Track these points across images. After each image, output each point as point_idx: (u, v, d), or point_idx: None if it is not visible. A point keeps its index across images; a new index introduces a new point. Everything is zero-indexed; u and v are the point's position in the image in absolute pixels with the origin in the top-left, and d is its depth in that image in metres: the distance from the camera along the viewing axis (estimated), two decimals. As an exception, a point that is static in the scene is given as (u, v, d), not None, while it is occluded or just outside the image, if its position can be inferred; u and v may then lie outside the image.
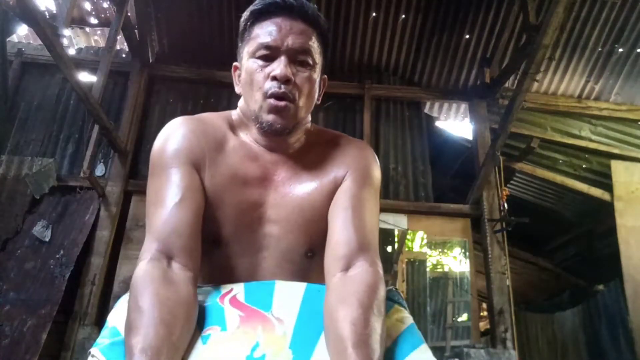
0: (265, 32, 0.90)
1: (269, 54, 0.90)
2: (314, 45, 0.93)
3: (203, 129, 0.94)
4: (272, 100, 0.89)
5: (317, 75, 0.95)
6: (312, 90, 0.94)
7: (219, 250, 0.93)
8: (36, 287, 4.07)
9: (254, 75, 0.92)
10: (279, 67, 0.89)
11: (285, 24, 0.90)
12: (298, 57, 0.91)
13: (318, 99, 1.01)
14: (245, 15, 0.95)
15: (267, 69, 0.90)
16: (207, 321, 0.76)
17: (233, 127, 0.99)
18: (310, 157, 0.98)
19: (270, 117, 0.90)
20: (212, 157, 0.92)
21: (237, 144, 0.96)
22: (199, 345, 0.72)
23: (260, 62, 0.91)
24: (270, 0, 0.91)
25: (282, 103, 0.89)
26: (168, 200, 0.85)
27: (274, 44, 0.89)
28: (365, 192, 0.94)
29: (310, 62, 0.92)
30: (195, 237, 0.85)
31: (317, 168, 0.97)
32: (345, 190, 0.93)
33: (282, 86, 0.89)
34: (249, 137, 0.98)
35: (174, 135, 0.93)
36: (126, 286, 0.77)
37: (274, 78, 0.89)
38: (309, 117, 1.02)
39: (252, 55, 0.92)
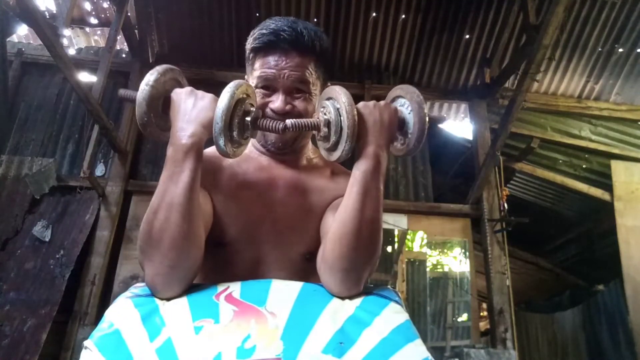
0: (264, 67, 0.97)
1: (269, 87, 0.98)
2: (311, 73, 0.99)
3: (211, 152, 0.97)
4: None
5: (315, 98, 1.01)
6: (311, 114, 1.00)
7: (223, 249, 0.96)
8: (36, 287, 4.07)
9: (258, 104, 0.99)
10: (277, 101, 0.97)
11: (282, 60, 0.97)
12: (295, 88, 0.98)
13: None
14: (248, 46, 1.02)
15: (268, 99, 0.98)
16: (201, 314, 0.77)
17: None
18: (316, 171, 1.05)
19: (272, 137, 1.00)
20: (216, 175, 0.98)
21: (242, 158, 1.01)
22: (191, 335, 0.73)
23: (262, 92, 0.98)
24: (267, 38, 0.97)
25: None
26: None
27: (272, 78, 0.97)
28: None
29: (307, 90, 0.99)
30: (200, 243, 0.86)
31: (321, 180, 1.03)
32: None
33: (281, 117, 0.95)
34: (253, 149, 1.05)
35: None
36: (126, 286, 0.78)
37: (273, 110, 0.97)
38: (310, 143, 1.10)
39: (255, 86, 0.99)
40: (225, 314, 0.77)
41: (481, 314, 7.56)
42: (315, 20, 5.06)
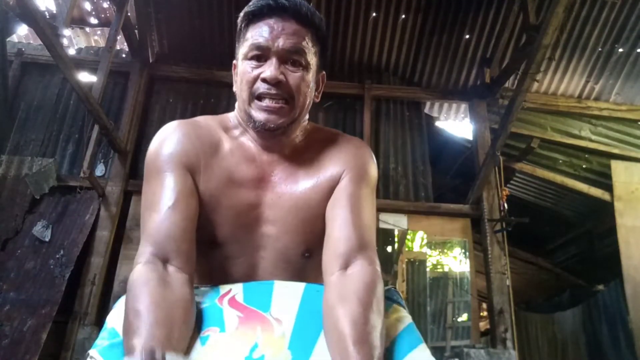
0: (257, 34, 0.90)
1: (261, 55, 0.90)
2: (308, 45, 0.92)
3: (198, 133, 0.94)
4: (263, 102, 0.90)
5: (311, 75, 0.94)
6: (306, 90, 0.93)
7: (216, 251, 0.93)
8: (36, 287, 4.07)
9: (246, 77, 0.92)
10: (269, 69, 0.89)
11: (277, 25, 0.89)
12: (290, 58, 0.90)
13: (317, 97, 1.01)
14: (240, 16, 0.94)
15: (258, 70, 0.90)
16: (206, 322, 0.76)
17: (229, 129, 0.99)
18: (307, 155, 0.98)
19: (262, 117, 0.90)
20: (207, 161, 0.92)
21: (234, 146, 0.96)
22: (198, 346, 0.72)
23: (252, 64, 0.91)
24: (263, 2, 0.90)
25: (274, 105, 0.90)
26: (162, 205, 0.85)
27: (265, 45, 0.89)
28: (362, 191, 0.94)
29: (303, 62, 0.91)
30: (189, 240, 0.85)
31: (314, 167, 0.97)
32: (343, 189, 0.93)
33: (273, 88, 0.89)
34: (246, 137, 0.98)
35: (168, 140, 0.93)
36: (126, 286, 0.78)
37: (264, 80, 0.89)
38: (307, 116, 1.01)
39: (245, 57, 0.92)
40: (231, 321, 0.76)
41: (481, 314, 7.56)
42: (315, 20, 5.05)
